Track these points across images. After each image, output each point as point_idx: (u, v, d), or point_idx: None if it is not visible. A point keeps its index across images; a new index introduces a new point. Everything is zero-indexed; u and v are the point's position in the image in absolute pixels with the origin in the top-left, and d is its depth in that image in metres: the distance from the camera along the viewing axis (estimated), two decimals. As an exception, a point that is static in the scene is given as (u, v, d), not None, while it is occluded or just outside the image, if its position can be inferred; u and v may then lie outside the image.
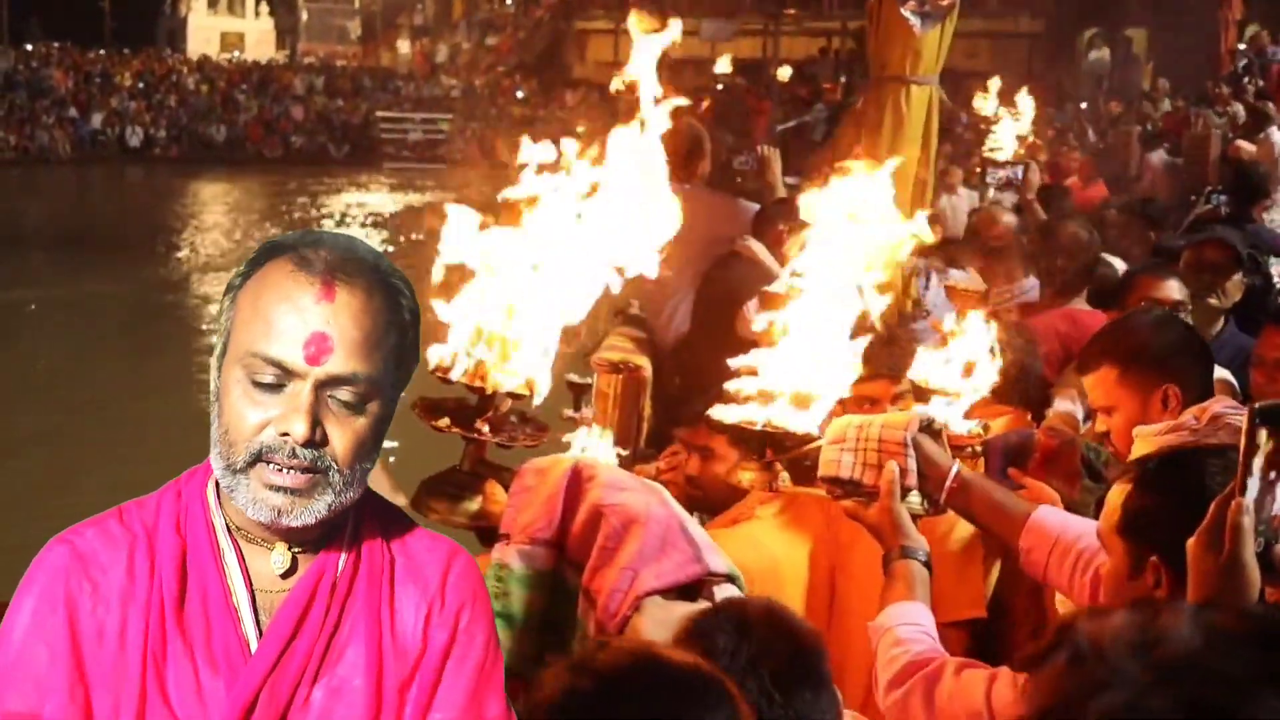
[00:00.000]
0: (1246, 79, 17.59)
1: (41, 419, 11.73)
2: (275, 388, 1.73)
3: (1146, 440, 3.48)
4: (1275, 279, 6.15)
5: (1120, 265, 6.84)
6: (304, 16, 61.26)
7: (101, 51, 46.10)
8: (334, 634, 1.83)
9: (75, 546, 1.79)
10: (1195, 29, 22.92)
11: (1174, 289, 4.79)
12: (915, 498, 2.84)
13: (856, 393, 3.82)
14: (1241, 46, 20.38)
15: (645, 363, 5.06)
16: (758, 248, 5.37)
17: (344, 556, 1.86)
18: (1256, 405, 1.88)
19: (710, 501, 3.81)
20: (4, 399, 12.20)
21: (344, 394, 1.74)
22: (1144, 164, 15.06)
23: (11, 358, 14.07)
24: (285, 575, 1.83)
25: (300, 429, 1.71)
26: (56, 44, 44.85)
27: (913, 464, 2.79)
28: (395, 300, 1.80)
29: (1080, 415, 4.47)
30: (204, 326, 15.65)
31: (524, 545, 2.84)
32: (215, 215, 28.10)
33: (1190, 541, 1.95)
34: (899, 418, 2.90)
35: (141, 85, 41.36)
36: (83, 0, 55.99)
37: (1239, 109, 14.83)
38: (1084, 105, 21.84)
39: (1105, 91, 25.32)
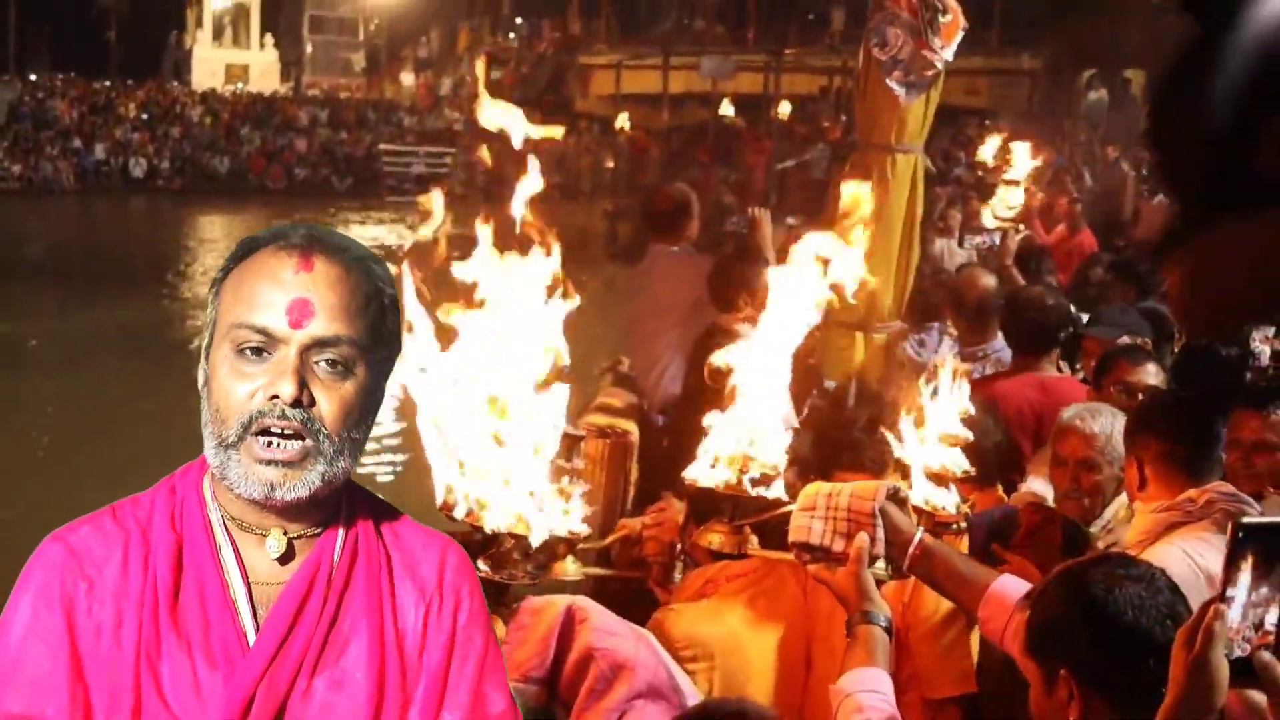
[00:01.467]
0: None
1: (43, 449, 11.81)
2: (261, 356, 1.78)
3: (1145, 515, 3.62)
4: (1258, 344, 6.19)
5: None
6: (308, 49, 61.34)
7: (106, 83, 46.22)
8: (332, 626, 1.85)
9: (70, 544, 1.82)
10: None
11: (1150, 373, 4.84)
12: (880, 564, 2.93)
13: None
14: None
15: (632, 428, 5.15)
16: (742, 329, 5.45)
17: (340, 547, 1.89)
18: (1241, 521, 1.97)
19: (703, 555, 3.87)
20: (5, 429, 12.27)
21: (329, 357, 1.79)
22: (1142, 209, 15.10)
23: (13, 391, 14.11)
24: (282, 561, 1.86)
25: (288, 389, 1.75)
26: (61, 75, 44.98)
27: (880, 533, 2.88)
28: (373, 281, 1.86)
29: (1050, 497, 4.53)
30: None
31: (518, 682, 2.91)
32: (218, 247, 28.14)
33: (1177, 636, 2.05)
34: (867, 487, 2.98)
35: (145, 117, 41.46)
36: (90, 31, 56.20)
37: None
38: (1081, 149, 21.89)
39: (1103, 134, 25.35)
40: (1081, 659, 2.30)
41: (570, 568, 3.17)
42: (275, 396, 1.76)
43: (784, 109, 30.95)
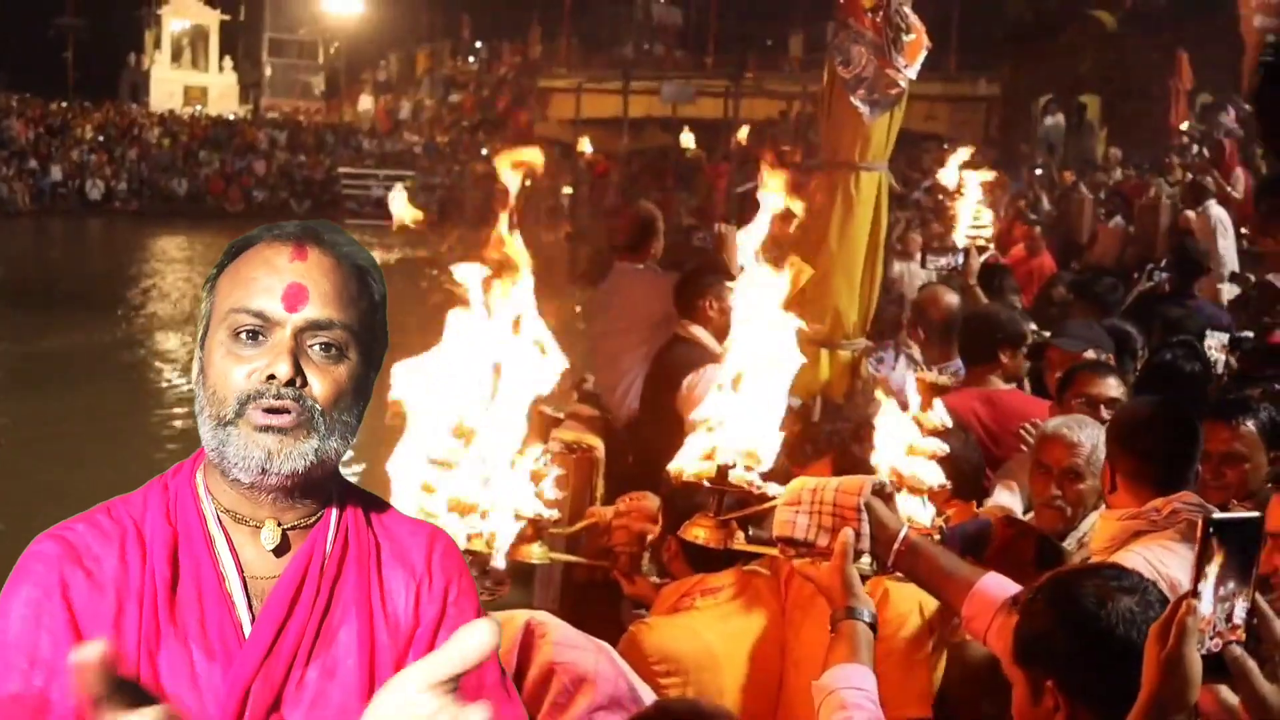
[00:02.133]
0: (1195, 149, 17.88)
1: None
2: (257, 339, 1.81)
3: (1109, 523, 3.64)
4: (1213, 352, 6.26)
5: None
6: (268, 71, 61.25)
7: (63, 104, 45.93)
8: (325, 616, 1.86)
9: (66, 539, 1.82)
10: (1147, 97, 23.34)
11: (1111, 386, 4.85)
12: (865, 560, 2.88)
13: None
14: (1184, 126, 20.69)
15: (598, 443, 5.14)
16: (698, 331, 5.45)
17: (331, 538, 1.91)
18: (1210, 517, 1.97)
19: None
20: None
21: (323, 340, 1.82)
22: (1098, 231, 15.25)
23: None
24: (277, 553, 1.87)
25: (284, 369, 1.78)
26: (16, 96, 44.63)
27: (865, 528, 2.83)
28: (364, 277, 1.91)
29: (1020, 508, 4.53)
30: (162, 384, 15.64)
31: None
32: (175, 269, 27.98)
33: (1149, 632, 2.03)
34: (852, 482, 2.92)
35: (102, 138, 41.23)
36: (46, 52, 55.91)
37: (1189, 178, 15.07)
38: (1039, 172, 22.08)
39: (1059, 158, 25.61)
40: (1070, 671, 2.27)
41: (536, 551, 3.13)
42: (271, 377, 1.79)
43: (742, 133, 31.03)
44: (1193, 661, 1.97)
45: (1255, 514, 2.01)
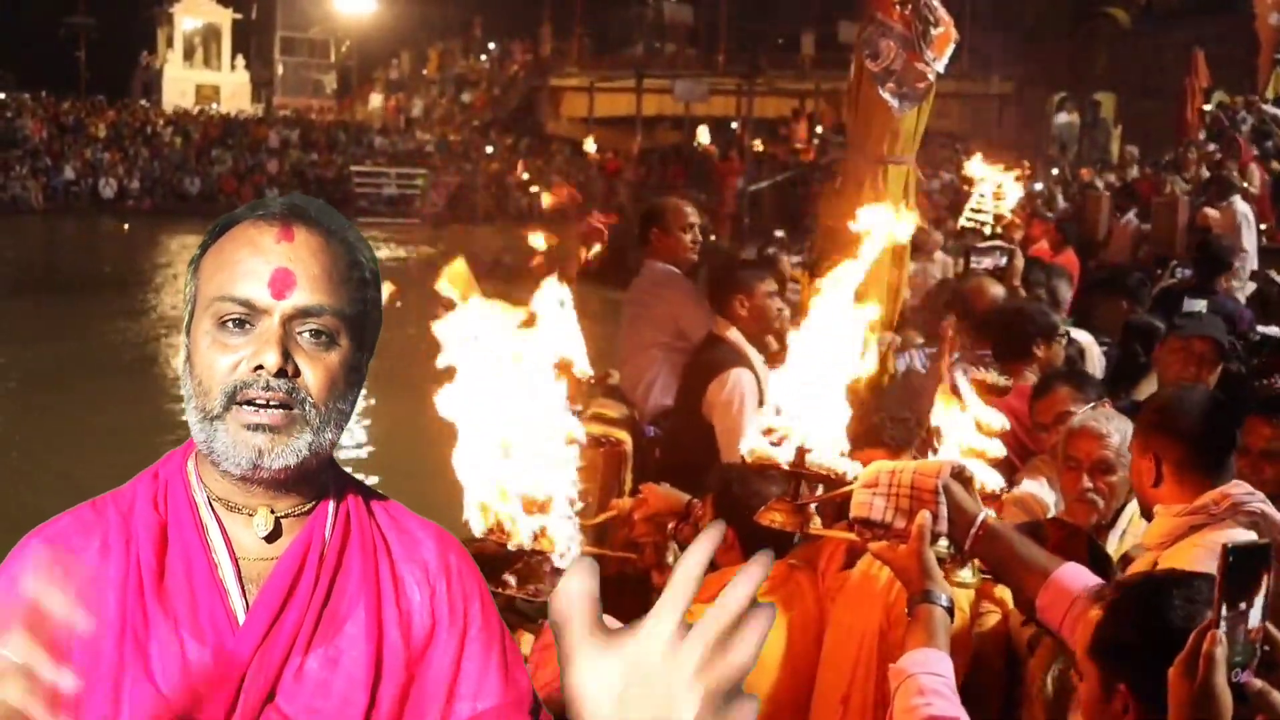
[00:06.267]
0: (1212, 145, 17.82)
1: (9, 467, 11.73)
2: (244, 328, 1.74)
3: (1166, 519, 3.56)
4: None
5: (1084, 339, 6.91)
6: (279, 70, 61.36)
7: (76, 102, 46.03)
8: (325, 605, 1.81)
9: (46, 535, 1.78)
10: (1162, 94, 23.30)
11: None
12: (942, 544, 2.85)
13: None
14: (1208, 107, 20.64)
15: (626, 437, 5.12)
16: (732, 333, 5.41)
17: (330, 527, 1.85)
18: (1229, 544, 1.94)
19: None
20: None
21: (312, 327, 1.76)
22: (1113, 228, 15.22)
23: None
24: (270, 540, 1.82)
25: (272, 359, 1.71)
26: (29, 94, 44.75)
27: (943, 510, 2.79)
28: (354, 254, 1.83)
29: (1051, 500, 4.50)
30: (175, 381, 15.65)
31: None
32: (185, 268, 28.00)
33: (1171, 670, 1.99)
34: (931, 464, 2.89)
35: (115, 137, 41.33)
36: (58, 51, 56.05)
37: (1206, 175, 15.03)
38: (1054, 170, 22.06)
39: (1073, 156, 25.57)
40: (1146, 680, 2.22)
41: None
42: (259, 367, 1.72)
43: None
44: (1224, 693, 1.93)
45: (1266, 540, 1.99)
